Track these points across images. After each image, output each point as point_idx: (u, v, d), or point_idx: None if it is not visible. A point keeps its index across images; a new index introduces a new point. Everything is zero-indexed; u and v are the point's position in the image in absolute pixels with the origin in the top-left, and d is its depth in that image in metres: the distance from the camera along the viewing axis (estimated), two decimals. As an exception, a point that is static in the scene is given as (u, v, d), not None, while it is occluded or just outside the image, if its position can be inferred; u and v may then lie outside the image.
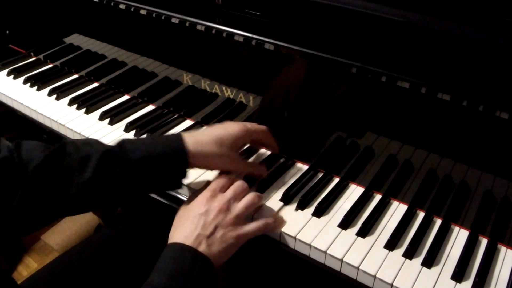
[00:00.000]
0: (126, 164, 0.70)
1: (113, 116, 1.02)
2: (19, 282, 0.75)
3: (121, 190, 0.73)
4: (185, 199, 0.84)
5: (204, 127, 0.83)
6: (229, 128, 0.78)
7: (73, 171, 0.69)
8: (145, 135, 0.97)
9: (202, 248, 0.67)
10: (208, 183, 0.77)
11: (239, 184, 0.75)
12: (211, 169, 0.81)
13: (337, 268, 0.71)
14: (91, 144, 0.73)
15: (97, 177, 0.69)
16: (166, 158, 0.72)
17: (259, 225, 0.72)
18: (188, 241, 0.67)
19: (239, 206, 0.72)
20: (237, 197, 0.74)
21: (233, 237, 0.69)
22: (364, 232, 0.75)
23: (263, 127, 0.84)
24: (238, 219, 0.71)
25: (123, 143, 0.73)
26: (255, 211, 0.78)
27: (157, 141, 0.74)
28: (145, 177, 0.72)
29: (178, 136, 0.75)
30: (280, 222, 0.77)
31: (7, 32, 1.31)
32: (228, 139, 0.77)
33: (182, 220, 0.72)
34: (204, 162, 0.76)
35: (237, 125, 0.80)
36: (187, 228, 0.69)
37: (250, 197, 0.74)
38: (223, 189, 0.75)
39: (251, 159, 0.91)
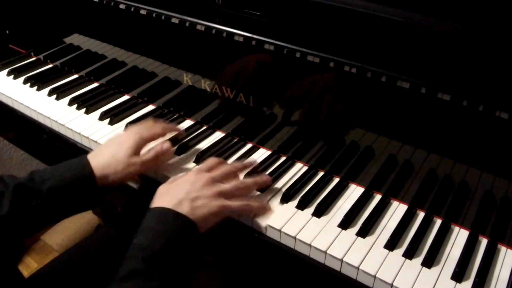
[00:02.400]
0: (38, 196, 0.73)
1: (113, 116, 1.02)
2: (19, 282, 0.76)
3: (38, 220, 0.75)
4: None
5: (105, 141, 0.87)
6: (124, 144, 0.81)
7: None
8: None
9: (185, 210, 0.69)
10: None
11: (226, 167, 0.79)
12: (124, 182, 0.84)
13: (337, 268, 0.72)
14: (3, 179, 0.75)
15: (13, 211, 0.72)
16: (76, 185, 0.76)
17: (243, 203, 0.75)
18: (171, 204, 0.70)
19: (225, 184, 0.76)
20: (223, 178, 0.77)
21: (217, 205, 0.72)
22: (364, 232, 0.75)
23: (157, 128, 0.87)
24: (222, 194, 0.74)
25: (33, 175, 0.75)
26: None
27: (65, 169, 0.77)
28: (59, 204, 0.76)
29: (84, 161, 0.78)
30: (266, 210, 0.78)
31: (7, 32, 1.30)
32: (126, 154, 0.80)
33: (167, 190, 0.75)
34: (113, 181, 0.79)
35: (130, 136, 0.83)
36: (170, 194, 0.73)
37: (237, 180, 0.78)
38: (210, 170, 0.78)
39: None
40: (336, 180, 0.86)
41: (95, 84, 1.16)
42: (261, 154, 0.93)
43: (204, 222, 0.71)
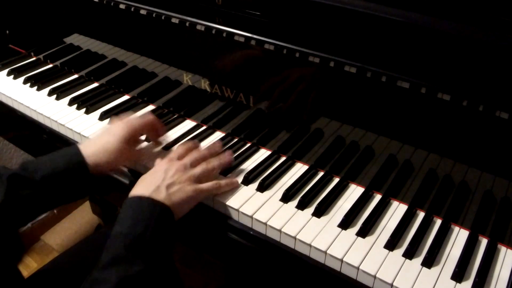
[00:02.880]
0: (32, 184, 0.75)
1: (113, 116, 1.02)
2: (19, 282, 0.76)
3: (32, 208, 0.77)
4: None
5: (97, 132, 0.88)
6: (116, 132, 0.83)
7: None
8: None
9: (161, 196, 0.72)
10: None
11: (195, 153, 0.83)
12: (115, 170, 0.87)
13: (337, 268, 0.72)
14: None
15: (8, 200, 0.73)
16: (68, 173, 0.77)
17: (213, 183, 0.80)
18: (148, 192, 0.72)
19: (196, 169, 0.79)
20: (194, 163, 0.80)
21: (192, 190, 0.76)
22: (364, 232, 0.75)
23: (148, 120, 0.88)
24: (195, 178, 0.78)
25: (25, 165, 0.77)
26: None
27: (57, 158, 0.79)
28: (52, 193, 0.77)
29: (76, 149, 0.80)
30: (233, 184, 0.83)
31: (7, 32, 1.30)
32: (117, 142, 0.82)
33: (143, 179, 0.77)
34: (105, 169, 0.82)
35: (122, 126, 0.84)
36: (146, 183, 0.75)
37: (207, 163, 0.81)
38: (181, 157, 0.81)
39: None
40: (336, 180, 0.86)
41: (95, 84, 1.16)
42: (261, 154, 0.93)
43: (180, 207, 0.74)
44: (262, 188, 0.83)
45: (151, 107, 1.08)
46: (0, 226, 0.74)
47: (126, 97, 1.11)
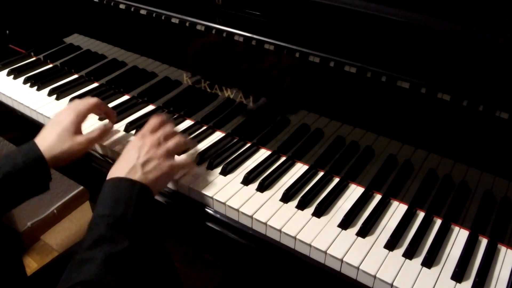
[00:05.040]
0: None
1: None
2: (19, 282, 0.76)
3: None
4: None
5: (47, 124, 0.88)
6: (64, 121, 0.84)
7: None
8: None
9: (137, 176, 0.73)
10: None
11: (167, 126, 0.84)
12: (74, 159, 0.86)
13: (337, 268, 0.72)
14: None
15: None
16: (28, 169, 0.78)
17: (187, 158, 0.85)
18: (124, 173, 0.74)
19: (169, 143, 0.80)
20: (167, 137, 0.81)
21: (167, 166, 0.77)
22: (364, 232, 0.75)
23: (92, 101, 0.89)
24: (169, 153, 0.79)
25: None
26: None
27: (16, 155, 0.79)
28: (13, 190, 0.78)
29: (33, 145, 0.81)
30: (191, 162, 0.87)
31: (7, 32, 1.30)
32: (67, 130, 0.83)
33: (118, 161, 0.78)
34: (63, 160, 0.83)
35: (68, 112, 0.86)
36: (122, 163, 0.76)
37: (178, 137, 0.83)
38: (153, 131, 0.82)
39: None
40: (336, 180, 0.86)
41: (95, 84, 1.16)
42: (261, 154, 0.93)
43: (157, 184, 0.75)
44: (262, 188, 0.83)
45: (151, 107, 1.08)
46: None
47: (126, 97, 1.11)
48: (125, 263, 0.65)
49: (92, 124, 1.00)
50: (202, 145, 0.95)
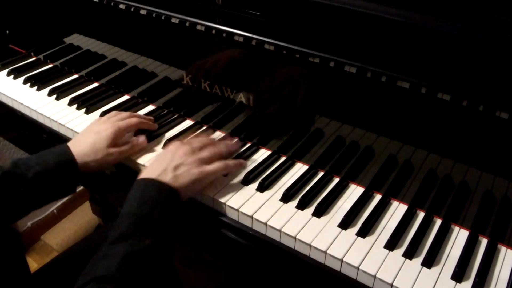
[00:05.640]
0: (24, 182, 0.77)
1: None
2: (19, 282, 0.76)
3: (24, 205, 0.80)
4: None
5: (83, 130, 0.91)
6: (103, 132, 0.86)
7: None
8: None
9: (168, 179, 0.75)
10: None
11: (203, 137, 0.87)
12: (102, 169, 0.89)
13: (337, 268, 0.72)
14: None
15: (0, 198, 0.76)
16: (59, 171, 0.80)
17: (220, 163, 0.82)
18: (155, 175, 0.75)
19: (204, 152, 0.82)
20: (202, 147, 0.83)
21: (198, 172, 0.78)
22: (364, 232, 0.75)
23: (133, 120, 0.92)
24: (202, 161, 0.80)
25: (17, 163, 0.79)
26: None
27: (48, 156, 0.81)
28: (43, 190, 0.79)
29: (65, 148, 0.83)
30: (241, 164, 0.86)
31: (7, 32, 1.30)
32: (104, 142, 0.85)
33: (152, 163, 0.81)
34: (92, 167, 0.85)
35: (110, 126, 0.88)
36: (154, 166, 0.78)
37: (214, 147, 0.84)
38: (190, 142, 0.84)
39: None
40: (336, 180, 0.86)
41: (95, 84, 1.16)
42: (261, 154, 0.93)
43: (186, 188, 0.76)
44: (262, 188, 0.83)
45: (151, 107, 1.08)
46: None
47: (126, 97, 1.11)
48: (143, 262, 0.66)
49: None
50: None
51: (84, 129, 0.91)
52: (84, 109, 1.05)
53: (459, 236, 0.76)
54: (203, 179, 0.79)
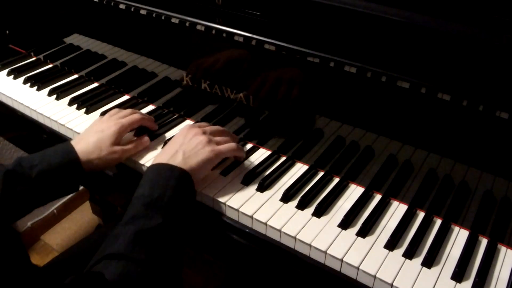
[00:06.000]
0: (27, 181, 0.78)
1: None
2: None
3: (27, 203, 0.80)
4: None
5: (86, 129, 0.91)
6: (107, 130, 0.87)
7: None
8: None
9: (178, 161, 0.76)
10: None
11: (215, 126, 0.89)
12: (106, 168, 0.89)
13: (337, 268, 0.72)
14: None
15: (4, 196, 0.76)
16: (63, 169, 0.80)
17: (229, 144, 0.84)
18: (166, 159, 0.77)
19: (216, 137, 0.84)
20: (214, 133, 0.85)
21: (209, 151, 0.79)
22: (364, 232, 0.75)
23: (136, 117, 0.92)
24: (211, 141, 0.81)
25: (20, 161, 0.79)
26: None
27: (51, 154, 0.81)
28: (47, 188, 0.80)
29: (69, 146, 0.83)
30: (242, 150, 0.88)
31: (7, 32, 1.30)
32: (108, 140, 0.86)
33: (165, 148, 0.82)
34: (96, 166, 0.85)
35: (113, 124, 0.88)
36: (166, 150, 0.80)
37: (225, 134, 0.87)
38: (202, 126, 0.86)
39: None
40: (336, 180, 0.86)
41: (95, 84, 1.16)
42: (261, 154, 0.93)
43: (198, 169, 0.78)
44: (262, 188, 0.83)
45: (151, 107, 1.08)
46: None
47: (126, 97, 1.11)
48: (154, 240, 0.67)
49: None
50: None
51: (87, 128, 0.91)
52: (84, 109, 1.05)
53: (459, 236, 0.76)
54: (214, 159, 0.80)
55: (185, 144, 0.80)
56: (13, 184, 0.77)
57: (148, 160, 0.90)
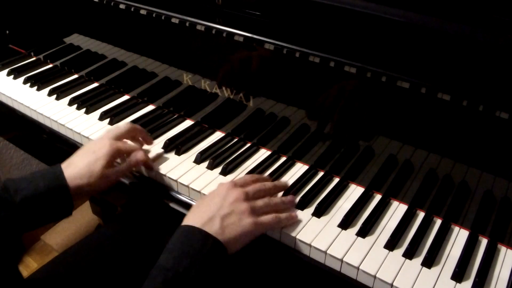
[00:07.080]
0: (10, 207, 0.72)
1: (113, 116, 1.02)
2: (19, 282, 0.76)
3: (11, 229, 0.74)
4: (186, 199, 0.84)
5: (79, 149, 0.83)
6: (99, 152, 0.80)
7: None
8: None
9: (214, 229, 0.66)
10: None
11: (260, 184, 0.77)
12: (98, 192, 0.83)
13: (337, 268, 0.72)
14: None
15: None
16: (49, 195, 0.74)
17: (273, 216, 0.72)
18: (200, 223, 0.67)
19: (258, 201, 0.73)
20: (257, 194, 0.74)
21: (250, 223, 0.69)
22: (364, 232, 0.75)
23: (133, 144, 0.87)
24: (255, 211, 0.71)
25: (6, 185, 0.74)
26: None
27: (38, 179, 0.75)
28: (31, 215, 0.74)
29: (58, 170, 0.77)
30: (294, 218, 0.76)
31: (7, 32, 1.30)
32: (100, 165, 0.79)
33: (199, 205, 0.72)
34: (86, 191, 0.79)
35: (107, 144, 0.81)
36: (201, 210, 0.69)
37: (269, 199, 0.75)
38: (245, 186, 0.75)
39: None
40: (336, 180, 0.86)
41: (95, 84, 1.16)
42: (261, 154, 0.93)
43: (235, 242, 0.68)
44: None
45: (151, 107, 1.08)
46: None
47: (126, 97, 1.11)
48: None
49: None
50: (202, 145, 0.95)
51: (81, 148, 0.84)
52: (84, 109, 1.05)
53: (459, 236, 0.76)
54: (254, 232, 0.70)
55: (224, 208, 0.68)
56: None
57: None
